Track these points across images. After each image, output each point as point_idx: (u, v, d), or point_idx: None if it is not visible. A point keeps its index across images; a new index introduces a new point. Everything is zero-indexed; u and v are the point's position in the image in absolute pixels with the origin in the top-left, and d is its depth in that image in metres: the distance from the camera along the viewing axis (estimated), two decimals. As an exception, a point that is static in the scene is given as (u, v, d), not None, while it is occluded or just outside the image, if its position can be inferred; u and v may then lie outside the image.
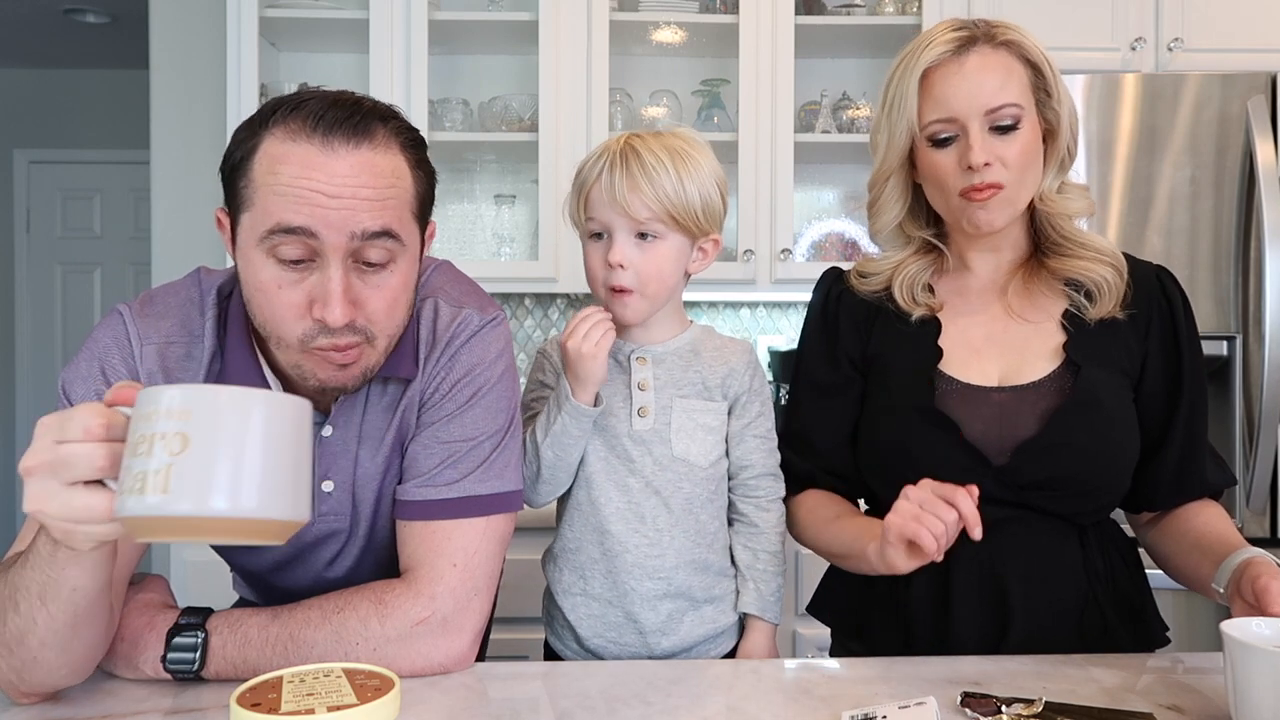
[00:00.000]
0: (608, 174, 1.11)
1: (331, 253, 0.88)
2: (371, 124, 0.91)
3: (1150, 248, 2.10)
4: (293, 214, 0.87)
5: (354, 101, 0.92)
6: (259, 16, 2.39)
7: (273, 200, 0.87)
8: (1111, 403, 1.11)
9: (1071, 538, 1.12)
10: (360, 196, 0.88)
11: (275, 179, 0.87)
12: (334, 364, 0.93)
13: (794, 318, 2.79)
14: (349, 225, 0.88)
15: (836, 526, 1.14)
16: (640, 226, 1.11)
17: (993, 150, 1.08)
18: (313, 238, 0.87)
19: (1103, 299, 1.13)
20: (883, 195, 1.20)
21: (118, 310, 0.99)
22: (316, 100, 0.90)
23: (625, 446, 1.15)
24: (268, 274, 0.89)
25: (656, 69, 2.70)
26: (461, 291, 1.08)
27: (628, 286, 1.12)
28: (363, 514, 1.06)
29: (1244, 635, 0.80)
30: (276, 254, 0.88)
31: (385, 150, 0.91)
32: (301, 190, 0.87)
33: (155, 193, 2.73)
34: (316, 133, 0.88)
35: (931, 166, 1.13)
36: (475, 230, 2.75)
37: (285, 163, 0.88)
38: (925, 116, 1.11)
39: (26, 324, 4.80)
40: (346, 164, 0.88)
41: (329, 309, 0.88)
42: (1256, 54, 2.35)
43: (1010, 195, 1.10)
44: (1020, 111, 1.08)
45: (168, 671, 0.93)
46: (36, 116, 4.77)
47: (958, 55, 1.09)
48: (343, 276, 0.89)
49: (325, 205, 0.87)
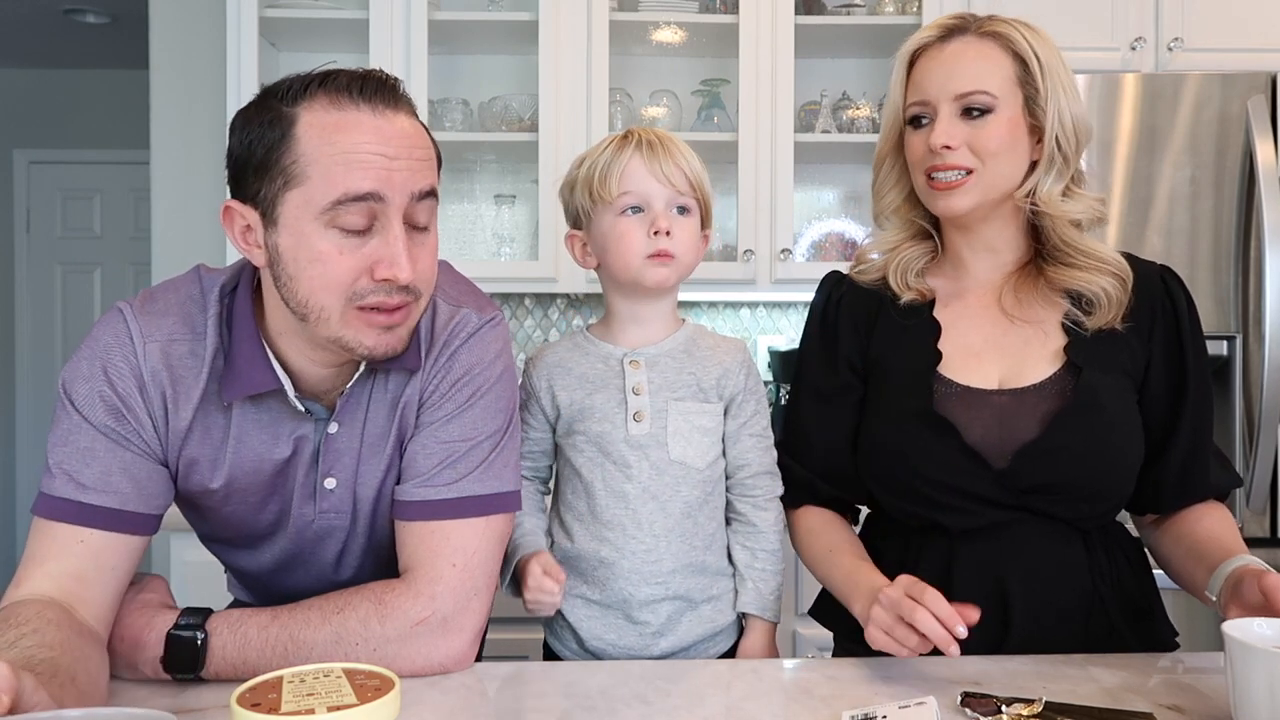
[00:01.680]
0: (643, 151, 1.15)
1: (394, 213, 0.91)
2: (399, 92, 0.94)
3: (1150, 248, 2.10)
4: (359, 180, 0.88)
5: (376, 73, 0.94)
6: (259, 16, 2.39)
7: (335, 170, 0.88)
8: (1113, 406, 1.10)
9: (1076, 541, 1.11)
10: (415, 157, 0.92)
11: (334, 147, 0.88)
12: (379, 326, 0.93)
13: (794, 318, 2.78)
14: (409, 186, 0.91)
15: (829, 564, 1.14)
16: (678, 199, 1.15)
17: (961, 134, 1.09)
18: (380, 201, 0.89)
19: (1102, 310, 1.11)
20: (879, 177, 1.22)
21: (118, 308, 0.99)
22: (342, 73, 0.92)
23: (622, 452, 1.15)
24: (328, 243, 0.90)
25: (656, 69, 2.70)
26: (460, 291, 1.08)
27: (673, 252, 1.15)
28: (362, 512, 1.06)
29: (1245, 635, 0.80)
30: (339, 223, 0.89)
31: (412, 115, 0.95)
32: (365, 155, 0.89)
33: (155, 193, 2.73)
34: (363, 98, 0.90)
35: (908, 148, 1.15)
36: (475, 230, 2.75)
37: (341, 130, 0.89)
38: (907, 99, 1.14)
39: (26, 324, 4.79)
40: (396, 126, 0.91)
41: (399, 267, 0.90)
42: (1256, 54, 2.34)
43: (976, 181, 1.10)
44: (992, 100, 1.09)
45: (167, 672, 0.93)
46: (36, 116, 4.77)
47: (941, 41, 1.13)
48: (404, 235, 0.92)
49: (390, 168, 0.90)
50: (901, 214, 1.22)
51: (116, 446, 0.95)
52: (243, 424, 1.00)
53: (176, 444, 0.99)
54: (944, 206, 1.12)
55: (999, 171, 1.11)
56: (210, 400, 0.99)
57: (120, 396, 0.95)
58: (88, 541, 0.92)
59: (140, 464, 0.96)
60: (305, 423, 1.01)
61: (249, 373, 0.96)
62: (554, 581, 1.07)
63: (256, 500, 1.04)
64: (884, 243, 1.23)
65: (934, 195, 1.13)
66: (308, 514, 1.05)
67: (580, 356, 1.21)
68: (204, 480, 1.01)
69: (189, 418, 0.98)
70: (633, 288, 1.17)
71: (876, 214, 1.25)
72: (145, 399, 0.96)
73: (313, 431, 1.02)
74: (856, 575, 1.08)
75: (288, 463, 1.02)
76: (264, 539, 1.08)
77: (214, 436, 1.00)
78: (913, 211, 1.21)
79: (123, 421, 0.95)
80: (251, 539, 1.08)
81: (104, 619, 0.93)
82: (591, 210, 1.17)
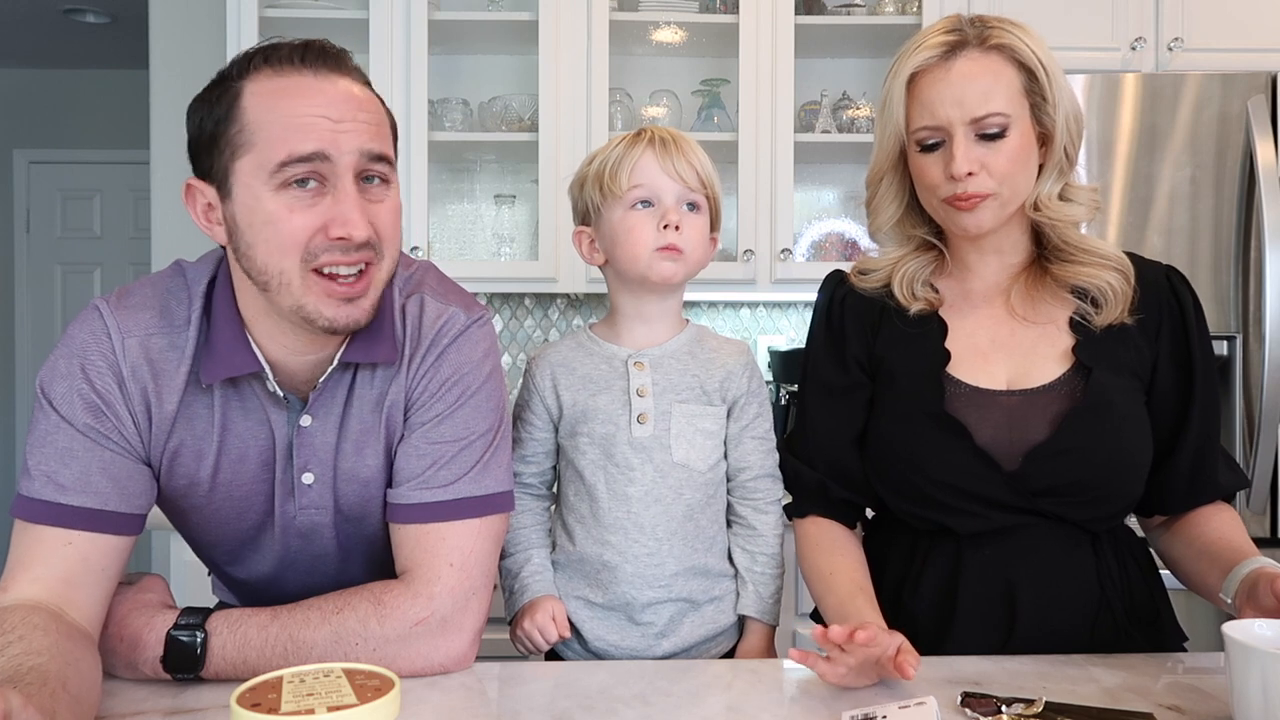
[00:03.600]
0: (655, 147, 1.15)
1: (343, 172, 0.91)
2: (344, 60, 0.95)
3: (1150, 248, 2.10)
4: (302, 142, 0.89)
5: (319, 42, 0.95)
6: (259, 16, 2.39)
7: (279, 133, 0.89)
8: (1124, 406, 1.09)
9: (1084, 545, 1.10)
10: (359, 120, 0.92)
11: (277, 113, 0.90)
12: (339, 297, 0.93)
13: (794, 318, 2.78)
14: (356, 144, 0.91)
15: (825, 585, 1.12)
16: (689, 196, 1.16)
17: (978, 158, 1.06)
18: (325, 161, 0.90)
19: (1109, 306, 1.11)
20: (878, 194, 1.19)
21: (94, 305, 0.98)
22: (284, 44, 0.94)
23: (625, 455, 1.15)
24: (278, 204, 0.90)
25: (656, 69, 2.69)
26: (447, 290, 1.08)
27: (682, 247, 1.15)
28: (347, 510, 1.05)
29: (1245, 636, 0.80)
30: (286, 188, 0.90)
31: (361, 83, 0.96)
32: (306, 118, 0.89)
33: (155, 193, 2.73)
34: (305, 64, 0.92)
35: (919, 171, 1.12)
36: (475, 230, 2.75)
37: (284, 95, 0.90)
38: (913, 122, 1.10)
39: (26, 324, 4.79)
40: (340, 90, 0.92)
41: (351, 224, 0.90)
42: (1256, 54, 2.34)
43: (998, 200, 1.08)
44: (1007, 120, 1.06)
45: (167, 672, 0.93)
46: (36, 116, 4.77)
47: (944, 60, 1.08)
48: (356, 193, 0.92)
49: (333, 129, 0.90)
50: (901, 228, 1.19)
51: (96, 446, 0.94)
52: (226, 411, 0.99)
53: (161, 436, 0.98)
54: (968, 225, 1.10)
55: (1018, 188, 1.09)
56: (194, 388, 0.98)
57: (99, 394, 0.95)
58: (75, 544, 0.92)
59: (120, 463, 0.96)
60: (283, 411, 1.01)
61: (228, 356, 0.96)
62: (555, 632, 1.12)
63: (241, 496, 1.03)
64: (886, 257, 1.20)
65: (956, 215, 1.09)
66: (289, 510, 1.04)
67: (584, 356, 1.20)
68: (190, 472, 1.00)
69: (174, 406, 0.98)
70: (640, 283, 1.17)
71: (873, 230, 1.23)
72: (125, 395, 0.96)
73: (286, 422, 1.01)
74: (848, 607, 1.06)
75: (271, 456, 1.02)
76: (252, 542, 1.07)
77: (199, 425, 0.99)
78: (912, 225, 1.19)
79: (102, 419, 0.95)
80: (241, 543, 1.08)
81: (95, 620, 0.93)
82: (601, 205, 1.17)
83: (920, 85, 1.09)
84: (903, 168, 1.16)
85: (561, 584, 1.18)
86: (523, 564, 1.17)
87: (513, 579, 1.17)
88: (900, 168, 1.16)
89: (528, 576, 1.16)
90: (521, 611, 1.15)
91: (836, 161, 2.72)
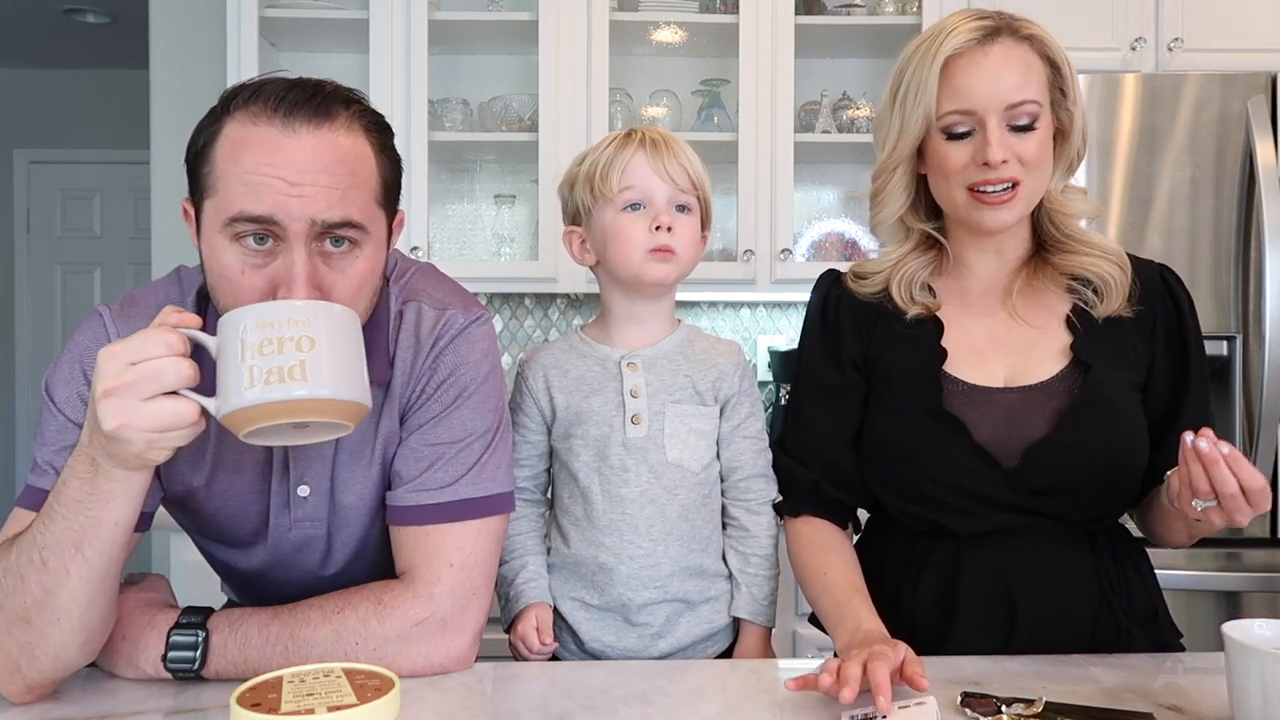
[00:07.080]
0: (646, 148, 1.15)
1: (294, 238, 0.87)
2: (333, 106, 0.90)
3: (1150, 248, 2.10)
4: (254, 203, 0.86)
5: (315, 84, 0.91)
6: (259, 16, 2.39)
7: (235, 188, 0.87)
8: (1122, 402, 1.10)
9: (1083, 545, 1.10)
10: (321, 184, 0.87)
11: (237, 166, 0.87)
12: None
13: (794, 318, 2.78)
14: (309, 212, 0.87)
15: (819, 586, 1.11)
16: (679, 197, 1.16)
17: (1010, 147, 1.06)
18: (274, 225, 0.86)
19: (1109, 295, 1.11)
20: (888, 186, 1.17)
21: (98, 311, 0.99)
22: (277, 83, 0.90)
23: (619, 456, 1.15)
24: (230, 258, 0.88)
25: (656, 69, 2.70)
26: (445, 293, 1.07)
27: (674, 248, 1.15)
28: (346, 520, 1.04)
29: (1245, 636, 0.80)
30: (239, 240, 0.88)
31: (348, 132, 0.90)
32: (263, 177, 0.86)
33: (155, 193, 2.73)
34: (278, 114, 0.87)
35: (942, 159, 1.10)
36: (475, 230, 2.75)
37: (247, 148, 0.87)
38: (943, 106, 1.08)
39: (26, 324, 4.80)
40: (308, 145, 0.87)
41: (293, 292, 0.86)
42: (1256, 54, 2.34)
43: (1024, 194, 1.08)
44: (1038, 109, 1.06)
45: (168, 670, 0.93)
46: (36, 116, 4.77)
47: (982, 45, 1.07)
48: (306, 260, 0.87)
49: (286, 193, 0.86)
50: (903, 222, 1.18)
51: None
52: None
53: None
54: (993, 221, 1.08)
55: (1040, 180, 1.09)
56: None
57: None
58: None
59: None
60: None
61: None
62: (540, 643, 1.12)
63: (238, 504, 1.03)
64: (885, 259, 1.20)
65: (980, 209, 1.08)
66: (283, 524, 1.03)
67: (576, 358, 1.20)
68: (186, 479, 1.00)
69: None
70: (632, 284, 1.17)
71: (875, 224, 1.21)
72: None
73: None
74: (845, 609, 1.05)
75: (267, 467, 1.02)
76: (246, 545, 1.07)
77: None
78: (914, 219, 1.18)
79: None
80: (238, 542, 1.08)
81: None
82: (592, 206, 1.17)
83: (954, 69, 1.07)
84: (917, 158, 1.15)
85: (557, 586, 1.18)
86: (517, 570, 1.17)
87: (507, 586, 1.17)
88: (915, 158, 1.15)
89: (522, 584, 1.16)
90: (514, 619, 1.15)
91: (836, 161, 2.72)
